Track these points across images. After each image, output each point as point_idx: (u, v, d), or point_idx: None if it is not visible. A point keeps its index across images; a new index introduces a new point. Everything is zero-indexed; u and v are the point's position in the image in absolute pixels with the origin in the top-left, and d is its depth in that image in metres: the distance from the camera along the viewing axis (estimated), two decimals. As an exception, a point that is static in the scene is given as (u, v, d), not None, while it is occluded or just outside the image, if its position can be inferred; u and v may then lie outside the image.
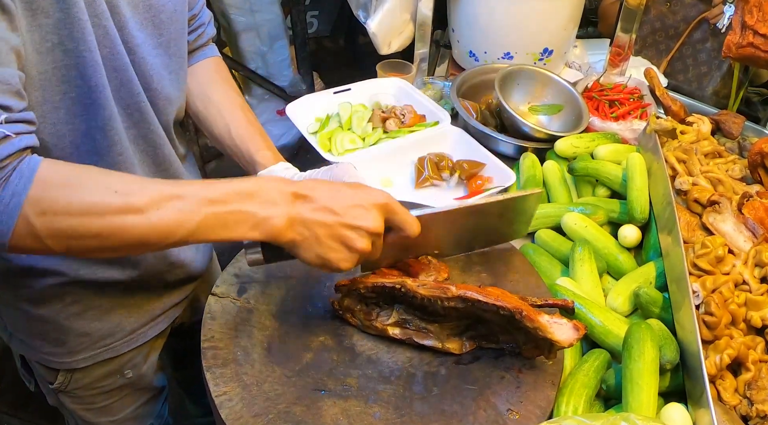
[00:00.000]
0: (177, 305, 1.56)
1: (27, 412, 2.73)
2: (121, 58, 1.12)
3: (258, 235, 1.00)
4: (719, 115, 1.95)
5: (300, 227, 1.02)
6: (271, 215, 0.99)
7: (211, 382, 1.11)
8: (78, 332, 1.38)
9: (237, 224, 0.99)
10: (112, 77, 1.13)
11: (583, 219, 1.58)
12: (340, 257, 1.05)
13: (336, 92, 2.11)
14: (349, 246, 1.04)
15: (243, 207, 0.98)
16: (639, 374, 1.16)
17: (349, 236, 1.03)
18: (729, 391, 1.20)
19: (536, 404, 1.12)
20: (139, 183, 0.97)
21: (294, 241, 1.03)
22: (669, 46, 2.52)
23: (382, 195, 1.07)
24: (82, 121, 1.12)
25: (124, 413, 1.59)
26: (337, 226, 1.03)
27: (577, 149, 1.84)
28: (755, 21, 1.85)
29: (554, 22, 2.24)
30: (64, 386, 1.48)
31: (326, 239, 1.03)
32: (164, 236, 0.96)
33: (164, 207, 0.94)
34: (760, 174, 1.65)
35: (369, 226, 1.04)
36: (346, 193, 1.05)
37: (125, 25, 1.14)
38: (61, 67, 1.04)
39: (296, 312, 1.26)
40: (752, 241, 1.41)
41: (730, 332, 1.25)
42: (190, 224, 0.95)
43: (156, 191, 0.95)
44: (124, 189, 0.93)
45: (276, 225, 1.00)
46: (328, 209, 1.02)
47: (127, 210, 0.92)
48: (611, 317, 1.32)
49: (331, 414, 1.09)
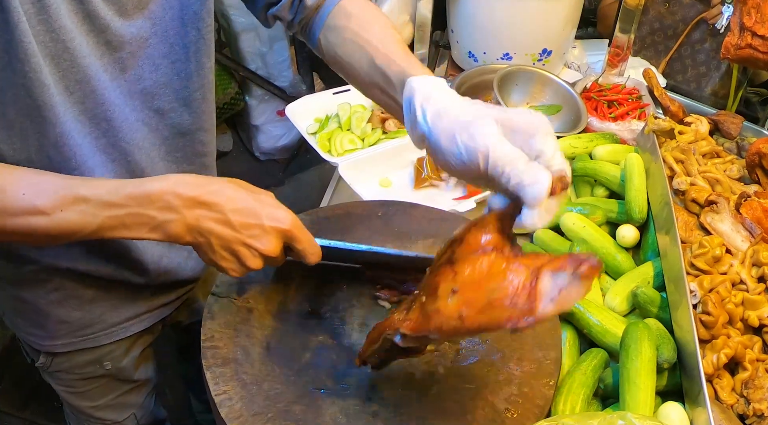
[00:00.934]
0: (166, 305, 1.55)
1: (27, 412, 2.73)
2: (83, 70, 1.11)
3: (158, 236, 1.03)
4: (718, 115, 1.96)
5: (196, 233, 1.04)
6: (169, 220, 1.02)
7: (211, 381, 1.11)
8: (58, 318, 1.40)
9: (137, 226, 1.02)
10: (75, 90, 1.12)
11: (581, 219, 1.58)
12: (231, 268, 1.07)
13: (335, 93, 2.11)
14: (240, 261, 1.06)
15: (141, 210, 1.01)
16: (636, 373, 1.16)
17: (242, 252, 1.05)
18: (726, 390, 1.21)
19: (534, 403, 1.12)
20: (50, 184, 1.02)
21: (191, 244, 1.06)
22: (668, 47, 2.52)
23: (287, 219, 1.07)
24: (34, 138, 1.13)
25: (104, 400, 1.60)
26: (232, 240, 1.04)
27: (576, 150, 1.85)
28: (753, 22, 1.86)
29: (553, 23, 2.24)
30: (46, 367, 1.50)
31: (219, 249, 1.05)
32: (69, 234, 1.02)
33: (67, 210, 0.99)
34: (758, 174, 1.66)
35: (262, 248, 1.05)
36: (250, 207, 1.05)
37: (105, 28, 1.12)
38: (12, 85, 1.05)
39: (296, 312, 1.26)
40: (750, 241, 1.41)
41: (728, 331, 1.25)
42: (91, 225, 1.00)
43: (61, 193, 1.00)
44: (32, 191, 0.99)
45: (173, 229, 1.02)
46: (225, 222, 1.03)
47: (32, 212, 0.98)
48: (609, 316, 1.33)
49: (331, 413, 1.09)
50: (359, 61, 1.22)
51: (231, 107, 3.74)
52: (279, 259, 1.10)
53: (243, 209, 1.04)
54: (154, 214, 1.01)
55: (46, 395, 2.74)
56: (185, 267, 1.49)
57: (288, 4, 1.31)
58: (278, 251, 1.07)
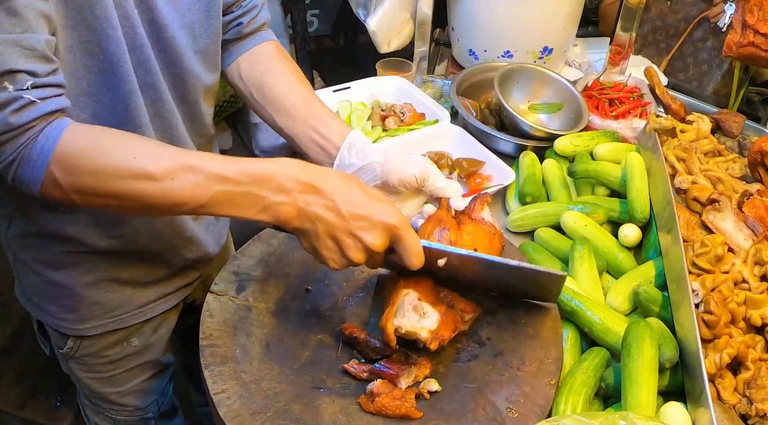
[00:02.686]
0: (188, 285, 1.58)
1: (27, 411, 2.73)
2: (140, 38, 1.15)
3: (266, 218, 1.04)
4: (719, 114, 1.95)
5: (305, 218, 1.04)
6: (280, 202, 1.02)
7: (210, 380, 1.10)
8: (90, 300, 1.42)
9: (246, 205, 1.02)
10: (132, 56, 1.15)
11: (582, 218, 1.58)
12: (332, 257, 1.07)
13: (336, 91, 2.11)
14: (343, 251, 1.06)
15: (254, 190, 1.02)
16: (638, 372, 1.16)
17: (347, 242, 1.05)
18: (728, 390, 1.20)
19: (535, 402, 1.12)
20: (160, 150, 1.02)
21: (298, 229, 1.06)
22: (669, 45, 2.51)
23: (396, 216, 1.07)
24: (104, 94, 1.15)
25: (128, 385, 1.61)
26: (339, 229, 1.04)
27: (577, 148, 1.84)
28: (756, 20, 1.85)
29: (554, 21, 2.24)
30: (73, 352, 1.51)
31: (324, 237, 1.05)
32: (176, 204, 1.01)
33: (178, 178, 0.99)
34: (760, 173, 1.65)
35: (368, 241, 1.05)
36: (359, 199, 1.05)
37: (153, 6, 1.17)
38: (85, 42, 1.07)
39: (295, 310, 1.26)
40: (752, 239, 1.41)
41: (730, 330, 1.25)
42: (201, 198, 1.00)
43: (174, 161, 1.00)
44: (144, 155, 0.99)
45: (284, 212, 1.03)
46: (335, 210, 1.04)
47: (143, 176, 0.98)
48: (611, 315, 1.32)
49: (330, 412, 1.09)
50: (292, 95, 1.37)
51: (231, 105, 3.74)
52: (379, 257, 1.09)
53: (353, 200, 1.04)
54: (266, 194, 1.02)
55: (44, 394, 2.74)
56: (207, 241, 1.52)
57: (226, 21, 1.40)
58: (383, 247, 1.07)
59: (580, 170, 1.74)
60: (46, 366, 2.69)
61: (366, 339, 1.15)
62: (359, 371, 1.13)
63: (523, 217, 1.66)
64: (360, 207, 1.04)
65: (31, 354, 2.84)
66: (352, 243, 1.05)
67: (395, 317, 1.08)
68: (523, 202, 1.72)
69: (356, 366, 1.14)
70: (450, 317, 1.14)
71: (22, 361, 2.88)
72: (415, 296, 1.12)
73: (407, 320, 1.07)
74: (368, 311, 1.27)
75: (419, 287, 1.15)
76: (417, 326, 1.07)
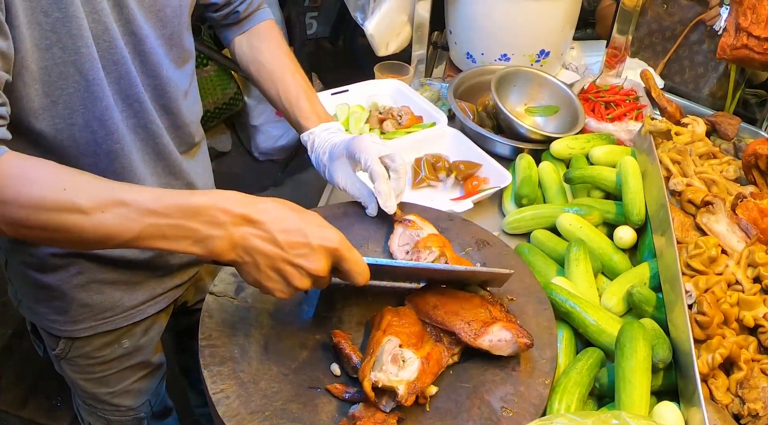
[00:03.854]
0: (179, 287, 1.60)
1: (27, 411, 2.74)
2: (119, 51, 1.16)
3: (199, 251, 1.01)
4: (715, 116, 1.96)
5: (241, 251, 1.02)
6: (214, 236, 1.00)
7: (209, 380, 1.11)
8: (80, 302, 1.43)
9: (178, 239, 1.00)
10: (111, 70, 1.17)
11: (578, 220, 1.59)
12: (277, 288, 1.05)
13: (333, 93, 2.12)
14: (287, 281, 1.04)
15: (185, 223, 0.99)
16: (631, 372, 1.17)
17: (289, 271, 1.03)
18: (721, 390, 1.21)
19: (530, 402, 1.13)
20: (91, 183, 1.00)
21: (235, 262, 1.04)
22: (666, 48, 2.53)
23: (335, 238, 1.06)
24: (80, 115, 1.15)
25: (120, 386, 1.62)
26: (279, 260, 1.02)
27: (573, 150, 1.85)
28: (749, 23, 1.87)
29: (551, 24, 2.25)
30: (65, 353, 1.52)
31: (265, 269, 1.03)
32: (106, 237, 0.98)
33: (108, 212, 0.97)
34: (754, 175, 1.66)
35: (310, 267, 1.03)
36: (295, 226, 1.03)
37: (132, 18, 1.19)
38: (60, 63, 1.08)
39: (293, 311, 1.27)
40: (745, 241, 1.42)
41: (723, 331, 1.26)
42: (130, 231, 0.98)
43: (104, 195, 0.97)
44: (74, 188, 0.97)
45: (217, 246, 1.01)
46: (273, 241, 1.01)
47: (72, 209, 0.96)
48: (605, 316, 1.33)
49: (327, 412, 1.10)
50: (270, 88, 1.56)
51: (230, 108, 3.75)
52: (326, 280, 1.08)
53: (290, 228, 1.02)
54: (198, 227, 0.99)
55: (44, 394, 2.75)
56: None
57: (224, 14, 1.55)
58: (326, 271, 1.05)
59: (576, 177, 1.74)
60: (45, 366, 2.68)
61: (349, 354, 1.15)
62: (341, 392, 1.12)
63: (520, 219, 1.68)
64: (297, 235, 1.02)
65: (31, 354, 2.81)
66: (295, 272, 1.03)
67: (373, 370, 1.06)
68: (519, 204, 1.73)
69: (339, 386, 1.13)
70: (434, 357, 1.13)
71: (21, 361, 2.88)
72: (395, 343, 1.11)
73: (384, 374, 1.06)
74: (366, 313, 1.28)
75: (403, 326, 1.15)
76: (395, 379, 1.06)
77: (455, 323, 1.17)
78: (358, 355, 1.15)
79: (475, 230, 1.46)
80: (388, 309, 1.19)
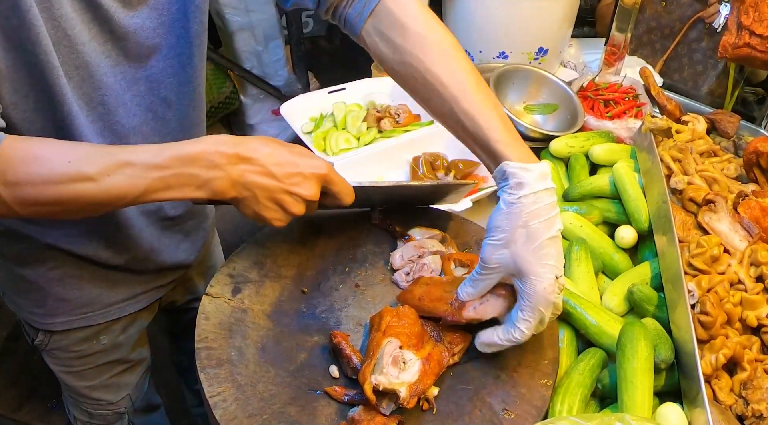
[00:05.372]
0: (161, 287, 1.60)
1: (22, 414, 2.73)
2: (81, 56, 1.15)
3: (203, 194, 1.07)
4: (714, 114, 1.95)
5: (241, 187, 1.09)
6: (214, 177, 1.06)
7: (206, 383, 1.10)
8: (57, 296, 1.44)
9: (182, 186, 1.06)
10: (73, 75, 1.15)
11: (578, 219, 1.58)
12: (275, 217, 1.13)
13: (330, 92, 2.11)
14: (284, 209, 1.12)
15: (186, 170, 1.05)
16: (633, 372, 1.16)
17: (286, 200, 1.11)
18: (724, 391, 1.20)
19: (532, 404, 1.12)
20: (92, 151, 1.06)
21: (236, 198, 1.10)
22: (664, 46, 2.52)
23: (323, 165, 1.14)
24: (45, 116, 1.16)
25: (99, 380, 1.64)
26: (276, 190, 1.10)
27: (572, 149, 1.84)
28: (751, 21, 1.86)
29: (549, 22, 2.24)
30: (44, 345, 1.54)
31: (264, 200, 1.10)
32: (116, 199, 1.04)
33: (114, 174, 1.02)
34: (755, 173, 1.65)
35: (305, 194, 1.11)
36: (288, 159, 1.11)
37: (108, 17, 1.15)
38: (24, 65, 1.08)
39: (290, 312, 1.26)
40: (748, 240, 1.41)
41: (726, 331, 1.25)
42: (138, 188, 1.03)
43: (107, 159, 1.03)
44: (78, 158, 1.02)
45: (218, 186, 1.07)
46: (268, 174, 1.09)
47: (79, 178, 1.01)
48: (606, 317, 1.32)
49: (326, 415, 1.09)
50: (433, 102, 1.19)
51: (226, 106, 3.73)
52: (315, 204, 1.16)
53: (282, 161, 1.10)
54: (198, 172, 1.05)
55: (40, 396, 2.74)
56: (177, 251, 1.54)
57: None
58: (317, 195, 1.13)
59: (575, 195, 1.70)
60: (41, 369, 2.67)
61: (349, 355, 1.14)
62: (340, 394, 1.12)
63: (519, 218, 1.66)
64: (290, 166, 1.10)
65: (26, 357, 2.84)
66: (291, 200, 1.11)
67: (373, 372, 1.06)
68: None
69: (338, 389, 1.13)
70: (435, 358, 1.12)
71: (17, 364, 2.87)
72: (396, 344, 1.10)
73: (385, 376, 1.06)
74: (364, 313, 1.27)
75: (403, 327, 1.13)
76: (396, 382, 1.06)
77: (439, 307, 1.18)
78: (358, 356, 1.14)
79: (474, 230, 1.45)
80: (387, 310, 1.17)
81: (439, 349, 1.15)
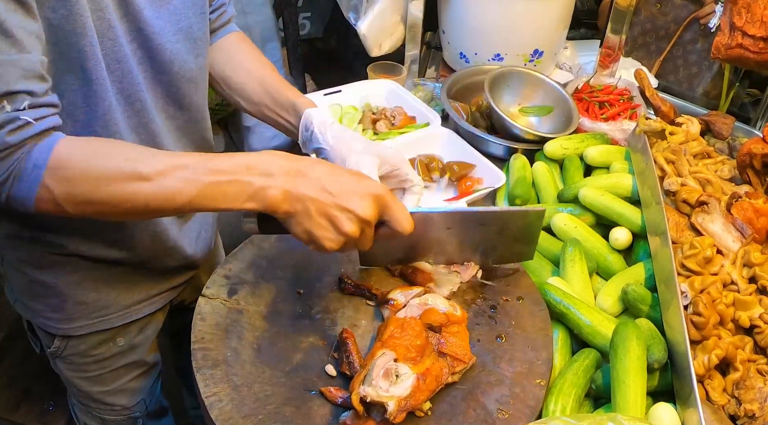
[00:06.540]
0: (175, 288, 1.60)
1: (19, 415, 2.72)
2: (122, 49, 1.16)
3: (255, 205, 1.05)
4: (709, 115, 1.96)
5: (294, 200, 1.05)
6: (268, 186, 1.04)
7: (202, 383, 1.11)
8: (75, 300, 1.43)
9: (235, 194, 1.04)
10: (114, 68, 1.16)
11: (572, 220, 1.58)
12: (327, 236, 1.08)
13: (326, 94, 2.11)
14: (337, 227, 1.07)
15: (242, 177, 1.03)
16: (626, 372, 1.16)
17: (339, 217, 1.06)
18: (717, 391, 1.21)
19: (525, 403, 1.12)
20: (149, 153, 1.04)
21: (288, 213, 1.06)
22: (660, 47, 2.52)
23: (380, 187, 1.10)
24: (82, 112, 1.16)
25: (115, 384, 1.63)
26: (329, 205, 1.06)
27: (567, 151, 1.85)
28: (744, 22, 1.86)
29: (544, 24, 2.25)
30: (60, 351, 1.52)
31: (316, 216, 1.06)
32: (167, 201, 1.02)
33: (169, 175, 1.01)
34: (749, 175, 1.66)
35: (359, 212, 1.06)
36: (344, 177, 1.08)
37: (138, 15, 1.17)
38: (65, 59, 1.08)
39: (286, 313, 1.26)
40: (741, 241, 1.41)
41: (719, 332, 1.25)
42: (191, 191, 1.02)
43: (163, 161, 1.02)
44: (134, 158, 1.01)
45: (272, 196, 1.04)
46: (323, 189, 1.06)
47: (136, 177, 1.00)
48: (600, 317, 1.33)
49: (321, 415, 1.09)
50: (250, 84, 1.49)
51: (223, 108, 3.74)
52: (371, 232, 1.11)
53: (338, 179, 1.08)
54: (252, 180, 1.03)
55: (37, 397, 2.73)
56: (196, 244, 1.53)
57: None
58: (374, 216, 1.08)
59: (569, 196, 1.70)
60: (38, 370, 2.68)
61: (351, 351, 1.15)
62: (335, 396, 1.12)
63: (514, 219, 1.67)
64: (346, 184, 1.07)
65: (24, 357, 2.83)
66: (344, 217, 1.06)
67: (363, 383, 1.05)
68: (513, 204, 1.72)
69: (333, 390, 1.13)
70: (433, 373, 1.10)
71: (14, 364, 2.87)
72: (390, 357, 1.09)
73: (374, 389, 1.04)
74: (360, 315, 1.27)
75: (404, 338, 1.13)
76: (384, 395, 1.04)
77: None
78: (360, 360, 1.14)
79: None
80: (393, 319, 1.17)
81: (440, 365, 1.13)
